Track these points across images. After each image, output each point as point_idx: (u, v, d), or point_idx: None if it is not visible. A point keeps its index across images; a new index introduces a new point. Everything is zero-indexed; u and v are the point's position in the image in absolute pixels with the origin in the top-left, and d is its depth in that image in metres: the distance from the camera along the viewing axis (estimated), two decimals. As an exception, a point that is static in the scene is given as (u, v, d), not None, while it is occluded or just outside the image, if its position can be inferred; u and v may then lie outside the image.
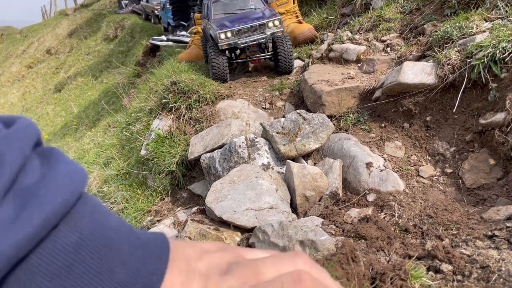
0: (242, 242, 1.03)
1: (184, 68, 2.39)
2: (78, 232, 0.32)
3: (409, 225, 1.02)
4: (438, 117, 1.37)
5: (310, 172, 1.19)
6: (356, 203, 1.17)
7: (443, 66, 1.33)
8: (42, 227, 0.29)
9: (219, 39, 1.96)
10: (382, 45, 1.87)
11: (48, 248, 0.30)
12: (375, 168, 1.23)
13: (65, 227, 0.31)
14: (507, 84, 1.18)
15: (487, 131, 1.23)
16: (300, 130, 1.38)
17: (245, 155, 1.35)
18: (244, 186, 1.16)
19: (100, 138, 3.25)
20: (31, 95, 8.31)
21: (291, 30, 2.53)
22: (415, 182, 1.25)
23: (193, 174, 1.70)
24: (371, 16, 2.11)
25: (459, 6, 1.68)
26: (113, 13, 8.55)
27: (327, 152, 1.40)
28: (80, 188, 0.33)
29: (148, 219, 1.57)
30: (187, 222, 1.12)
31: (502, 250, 0.77)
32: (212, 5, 2.23)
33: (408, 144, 1.41)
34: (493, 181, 1.16)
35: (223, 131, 1.51)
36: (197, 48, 2.87)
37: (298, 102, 1.84)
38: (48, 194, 0.31)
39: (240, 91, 2.00)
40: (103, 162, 2.62)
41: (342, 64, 1.91)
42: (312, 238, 0.85)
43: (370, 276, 0.75)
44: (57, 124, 5.34)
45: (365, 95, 1.60)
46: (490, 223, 0.96)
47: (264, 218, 1.06)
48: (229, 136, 1.47)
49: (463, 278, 0.74)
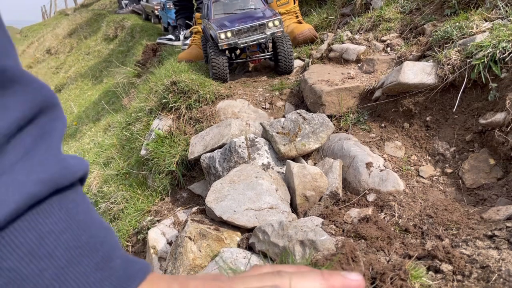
0: (242, 242, 1.03)
1: (184, 68, 2.39)
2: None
3: (409, 225, 1.02)
4: (438, 117, 1.37)
5: (310, 172, 1.19)
6: (356, 203, 1.17)
7: (443, 66, 1.33)
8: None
9: (219, 39, 1.96)
10: (382, 45, 1.87)
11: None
12: (375, 168, 1.23)
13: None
14: (507, 84, 1.18)
15: (487, 131, 1.23)
16: (300, 130, 1.38)
17: (245, 155, 1.35)
18: (244, 186, 1.16)
19: (100, 138, 3.25)
20: (31, 95, 8.28)
21: (291, 30, 2.53)
22: (415, 182, 1.25)
23: (193, 174, 1.70)
24: (371, 16, 2.11)
25: (459, 6, 1.68)
26: (113, 13, 8.55)
27: (327, 152, 1.40)
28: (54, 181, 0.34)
29: (148, 219, 1.57)
30: (187, 222, 1.12)
31: (502, 250, 0.77)
32: (212, 5, 2.23)
33: (408, 144, 1.41)
34: (493, 181, 1.16)
35: (223, 131, 1.51)
36: (197, 48, 2.87)
37: (298, 102, 1.84)
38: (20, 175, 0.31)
39: (240, 91, 2.00)
40: (103, 162, 2.62)
41: (342, 64, 1.91)
42: (312, 238, 0.85)
43: (370, 276, 0.75)
44: (57, 124, 5.33)
45: (365, 95, 1.60)
46: (490, 223, 0.96)
47: (264, 218, 1.06)
48: (229, 136, 1.47)
49: (463, 278, 0.74)
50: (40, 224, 0.32)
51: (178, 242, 1.07)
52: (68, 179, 0.35)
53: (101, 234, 0.37)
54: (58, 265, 0.32)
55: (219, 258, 0.95)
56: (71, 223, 0.34)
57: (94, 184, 2.41)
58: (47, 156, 0.34)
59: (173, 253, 1.06)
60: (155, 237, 1.37)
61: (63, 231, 0.33)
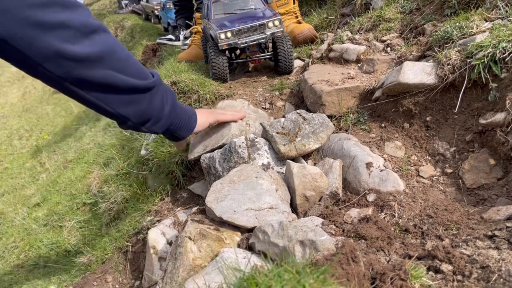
0: (242, 242, 1.03)
1: (184, 68, 2.39)
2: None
3: (409, 225, 1.02)
4: (438, 117, 1.37)
5: (310, 172, 1.19)
6: (356, 203, 1.17)
7: (443, 66, 1.33)
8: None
9: (219, 39, 1.96)
10: (382, 45, 1.87)
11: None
12: (375, 168, 1.23)
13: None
14: (507, 84, 1.18)
15: (487, 131, 1.23)
16: (300, 130, 1.37)
17: (245, 155, 1.35)
18: (244, 186, 1.16)
19: (100, 138, 3.25)
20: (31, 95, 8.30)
21: (291, 30, 2.53)
22: (415, 182, 1.25)
23: (193, 174, 1.70)
24: (371, 16, 2.11)
25: (459, 6, 1.68)
26: (113, 13, 8.54)
27: (327, 152, 1.40)
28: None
29: (148, 219, 1.57)
30: (187, 222, 1.12)
31: (502, 250, 0.77)
32: (212, 5, 2.23)
33: (408, 144, 1.41)
34: (493, 181, 1.16)
35: (223, 131, 1.51)
36: (197, 48, 2.87)
37: (298, 102, 1.84)
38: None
39: (240, 91, 2.00)
40: (103, 162, 2.62)
41: (342, 64, 1.91)
42: (312, 238, 0.85)
43: (370, 276, 0.75)
44: (57, 124, 5.34)
45: (365, 95, 1.60)
46: (490, 223, 0.96)
47: (264, 218, 1.06)
48: (229, 136, 1.47)
49: (463, 278, 0.74)
50: (162, 90, 1.17)
51: (178, 242, 1.07)
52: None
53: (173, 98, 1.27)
54: (170, 104, 1.20)
55: (219, 258, 0.95)
56: (166, 91, 1.20)
57: (94, 184, 2.42)
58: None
59: (173, 253, 1.06)
60: (155, 237, 1.37)
61: (168, 94, 1.21)
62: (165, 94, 1.19)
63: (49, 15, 0.81)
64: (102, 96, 1.00)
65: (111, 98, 1.02)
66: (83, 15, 0.89)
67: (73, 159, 3.31)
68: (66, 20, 0.84)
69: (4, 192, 3.81)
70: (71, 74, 0.90)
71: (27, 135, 5.71)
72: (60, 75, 0.89)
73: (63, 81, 0.91)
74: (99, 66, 0.93)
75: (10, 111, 7.91)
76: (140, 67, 1.08)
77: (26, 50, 0.81)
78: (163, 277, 1.03)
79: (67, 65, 0.88)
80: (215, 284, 0.86)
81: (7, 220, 2.92)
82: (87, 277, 1.60)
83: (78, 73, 0.90)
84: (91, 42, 0.90)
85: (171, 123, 1.24)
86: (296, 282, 0.60)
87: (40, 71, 0.87)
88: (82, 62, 0.89)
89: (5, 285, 2.01)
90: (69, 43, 0.86)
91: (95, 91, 0.98)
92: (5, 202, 3.42)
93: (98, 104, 1.01)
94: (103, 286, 1.52)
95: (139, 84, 1.05)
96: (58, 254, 2.06)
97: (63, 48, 0.85)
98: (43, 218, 2.53)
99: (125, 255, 1.62)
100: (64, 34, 0.84)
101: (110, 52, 0.96)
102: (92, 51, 0.91)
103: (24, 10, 0.77)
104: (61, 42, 0.84)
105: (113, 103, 1.03)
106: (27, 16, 0.78)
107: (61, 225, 2.31)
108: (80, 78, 0.92)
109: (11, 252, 2.38)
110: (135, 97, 1.06)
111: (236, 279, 0.69)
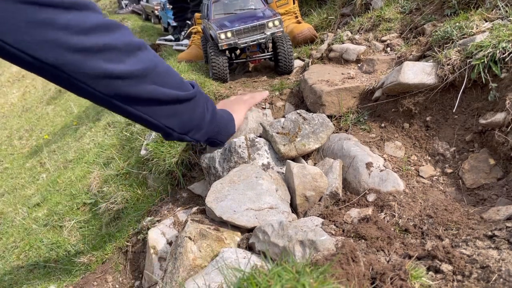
0: (242, 242, 1.03)
1: (184, 68, 2.39)
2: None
3: (409, 225, 1.02)
4: (438, 117, 1.37)
5: (310, 172, 1.19)
6: (356, 203, 1.17)
7: (443, 66, 1.33)
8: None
9: (219, 39, 1.96)
10: (382, 45, 1.87)
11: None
12: (375, 168, 1.23)
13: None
14: (507, 84, 1.18)
15: (487, 131, 1.23)
16: (300, 130, 1.38)
17: (245, 155, 1.35)
18: (244, 186, 1.16)
19: (100, 138, 3.25)
20: (31, 95, 8.30)
21: (291, 30, 2.53)
22: (415, 182, 1.25)
23: (193, 174, 1.70)
24: (371, 16, 2.11)
25: (459, 6, 1.68)
26: (113, 13, 8.54)
27: (327, 152, 1.40)
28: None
29: (148, 219, 1.57)
30: (187, 222, 1.12)
31: (502, 250, 0.77)
32: (212, 5, 2.23)
33: (408, 144, 1.41)
34: (493, 181, 1.16)
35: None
36: (197, 48, 2.87)
37: (298, 102, 1.84)
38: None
39: (240, 91, 2.00)
40: (103, 162, 2.62)
41: (342, 64, 1.91)
42: (312, 238, 0.85)
43: (370, 276, 0.75)
44: (57, 124, 5.34)
45: (365, 95, 1.60)
46: (490, 223, 0.96)
47: (264, 218, 1.06)
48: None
49: (463, 278, 0.74)
50: (202, 98, 1.22)
51: (178, 242, 1.07)
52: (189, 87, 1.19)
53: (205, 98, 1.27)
54: (210, 112, 1.26)
55: (219, 258, 0.95)
56: (206, 99, 1.25)
57: (94, 184, 2.42)
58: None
59: (173, 253, 1.06)
60: (155, 237, 1.37)
61: (208, 102, 1.27)
62: (205, 102, 1.24)
63: (95, 39, 0.86)
64: (148, 110, 1.04)
65: (157, 111, 1.06)
66: (125, 35, 0.94)
67: (73, 159, 3.31)
68: (111, 42, 0.89)
69: (4, 192, 3.81)
70: (118, 92, 0.95)
71: (27, 135, 5.71)
72: (108, 93, 0.94)
73: (111, 99, 0.96)
74: (144, 82, 0.98)
75: (10, 111, 7.92)
76: (180, 78, 1.13)
77: (74, 73, 0.86)
78: (163, 277, 1.03)
79: (114, 84, 0.93)
80: (215, 284, 0.86)
81: (7, 220, 2.92)
82: (87, 277, 1.60)
83: (124, 90, 0.95)
84: (134, 60, 0.95)
85: (213, 129, 1.29)
86: (296, 282, 0.61)
87: (88, 91, 0.92)
88: (128, 80, 0.94)
89: (5, 285, 2.01)
90: (115, 63, 0.91)
91: (141, 106, 1.02)
92: (5, 202, 3.42)
93: (144, 118, 1.06)
94: (103, 286, 1.52)
95: (181, 95, 1.10)
96: (58, 254, 2.06)
97: (110, 69, 0.90)
98: (43, 218, 2.53)
99: (125, 255, 1.62)
100: (110, 55, 0.90)
101: (153, 67, 1.00)
102: (137, 69, 0.95)
103: (72, 38, 0.82)
104: (107, 63, 0.89)
105: (159, 116, 1.08)
106: (75, 43, 0.83)
107: (61, 225, 2.31)
108: (127, 95, 0.97)
109: (11, 252, 2.38)
110: (178, 108, 1.11)
111: (236, 279, 0.69)
